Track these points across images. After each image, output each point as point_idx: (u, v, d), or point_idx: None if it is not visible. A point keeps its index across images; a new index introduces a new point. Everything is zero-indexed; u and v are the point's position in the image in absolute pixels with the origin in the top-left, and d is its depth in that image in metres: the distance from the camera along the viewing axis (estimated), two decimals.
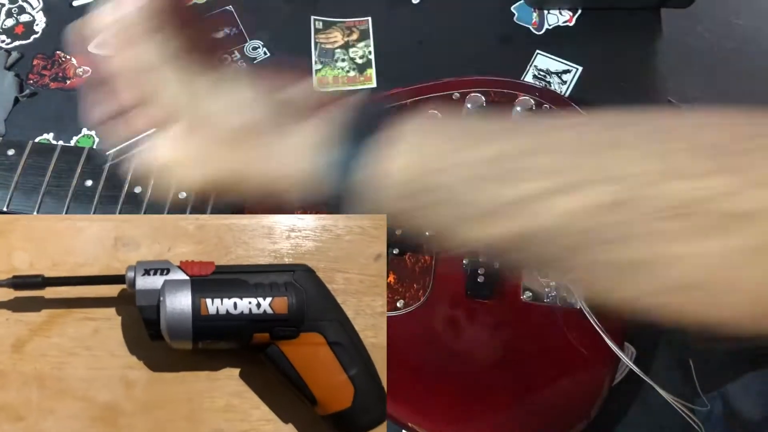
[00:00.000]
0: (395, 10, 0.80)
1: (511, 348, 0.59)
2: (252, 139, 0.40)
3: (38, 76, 0.75)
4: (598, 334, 0.57)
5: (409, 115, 0.37)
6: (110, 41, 0.43)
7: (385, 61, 0.76)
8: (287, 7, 0.80)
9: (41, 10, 0.79)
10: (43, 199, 0.58)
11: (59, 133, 0.73)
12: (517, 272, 0.60)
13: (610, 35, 0.78)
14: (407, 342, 0.58)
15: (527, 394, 0.57)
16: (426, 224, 0.38)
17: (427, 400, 0.56)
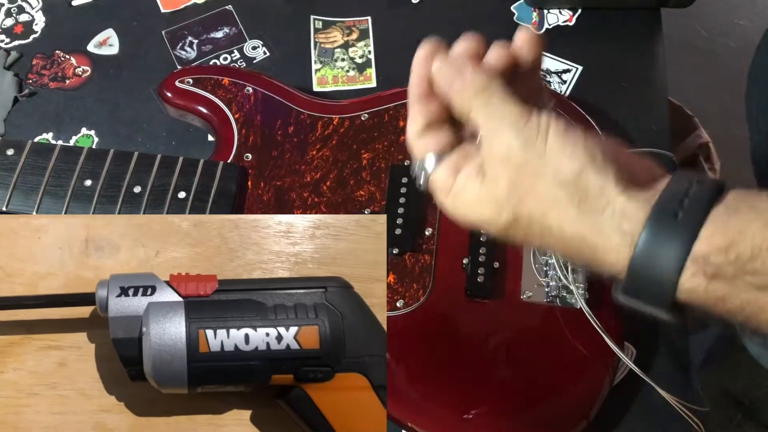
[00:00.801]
0: (395, 9, 0.80)
1: (511, 348, 0.58)
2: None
3: (37, 76, 0.75)
4: (598, 334, 0.57)
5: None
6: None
7: (384, 61, 0.76)
8: (287, 7, 0.80)
9: (40, 10, 0.79)
10: (43, 199, 0.58)
11: (58, 132, 0.73)
12: None
13: (610, 35, 0.78)
14: (407, 342, 0.57)
15: (527, 394, 0.57)
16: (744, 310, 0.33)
17: (427, 400, 0.56)
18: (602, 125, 0.68)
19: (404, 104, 0.67)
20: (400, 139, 0.66)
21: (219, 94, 0.67)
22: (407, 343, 0.57)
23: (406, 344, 0.57)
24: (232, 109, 0.66)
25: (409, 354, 0.57)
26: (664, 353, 0.63)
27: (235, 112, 0.66)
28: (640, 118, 0.73)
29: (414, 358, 0.57)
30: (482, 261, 0.60)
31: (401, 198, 0.62)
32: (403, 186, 0.63)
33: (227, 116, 0.66)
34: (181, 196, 0.59)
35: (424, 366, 0.57)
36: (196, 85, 0.67)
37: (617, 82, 0.75)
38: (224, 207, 0.60)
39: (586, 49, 0.77)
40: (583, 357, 0.58)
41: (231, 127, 0.65)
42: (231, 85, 0.67)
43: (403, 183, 0.63)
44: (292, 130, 0.66)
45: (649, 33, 0.78)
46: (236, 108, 0.66)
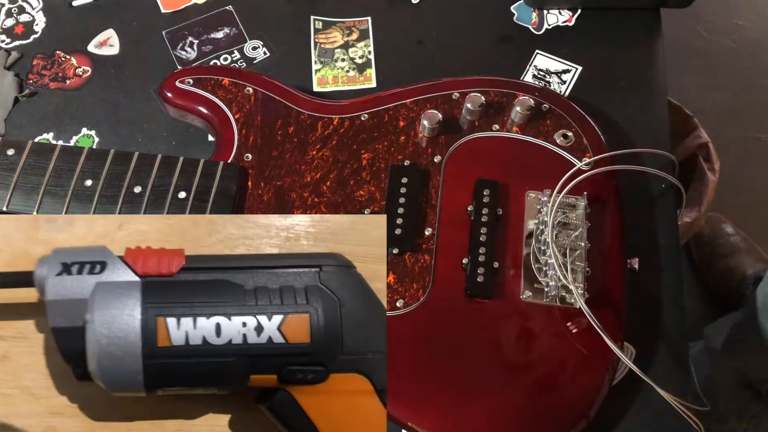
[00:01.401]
0: (395, 10, 0.80)
1: (511, 348, 0.59)
2: None
3: (38, 76, 0.75)
4: (597, 334, 0.57)
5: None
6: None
7: (384, 61, 0.76)
8: (287, 8, 0.80)
9: (41, 10, 0.79)
10: (43, 199, 0.58)
11: (59, 133, 0.73)
12: None
13: (610, 35, 0.78)
14: (407, 342, 0.58)
15: (527, 394, 0.57)
16: None
17: (427, 400, 0.56)
18: (602, 125, 0.68)
19: (404, 104, 0.67)
20: (400, 139, 0.66)
21: (219, 94, 0.67)
22: (407, 343, 0.57)
23: (405, 344, 0.57)
24: (232, 109, 0.66)
25: (408, 354, 0.57)
26: (664, 353, 0.63)
27: (235, 112, 0.66)
28: (639, 118, 0.73)
29: (414, 358, 0.57)
30: (482, 261, 0.60)
31: (401, 198, 0.62)
32: (403, 186, 0.63)
33: (227, 116, 0.66)
34: (181, 196, 0.60)
35: (424, 366, 0.57)
36: (196, 86, 0.67)
37: (617, 82, 0.75)
38: (224, 207, 0.60)
39: (585, 49, 0.77)
40: (583, 357, 0.58)
41: (231, 127, 0.66)
42: (231, 86, 0.67)
43: (403, 183, 0.63)
44: (292, 130, 0.66)
45: (649, 33, 0.78)
46: (236, 108, 0.66)
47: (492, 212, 0.62)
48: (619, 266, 0.62)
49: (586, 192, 0.63)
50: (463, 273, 0.61)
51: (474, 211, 0.62)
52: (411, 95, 0.68)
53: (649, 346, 0.63)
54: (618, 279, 0.62)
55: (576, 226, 0.61)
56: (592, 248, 0.61)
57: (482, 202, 0.63)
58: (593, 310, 0.57)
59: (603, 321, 0.57)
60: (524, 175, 0.65)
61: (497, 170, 0.65)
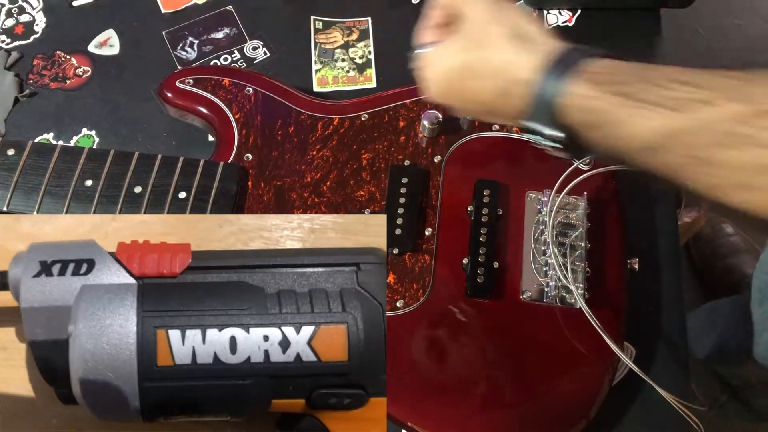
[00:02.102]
0: (395, 10, 0.80)
1: (511, 348, 0.59)
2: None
3: (38, 76, 0.75)
4: (598, 334, 0.57)
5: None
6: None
7: (385, 61, 0.76)
8: (287, 8, 0.80)
9: (41, 10, 0.79)
10: (43, 199, 0.58)
11: (59, 133, 0.73)
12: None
13: (610, 35, 0.78)
14: (407, 342, 0.58)
15: (527, 394, 0.57)
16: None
17: (427, 399, 0.56)
18: None
19: (404, 104, 0.67)
20: (400, 139, 0.66)
21: (219, 94, 0.67)
22: (407, 343, 0.57)
23: (405, 344, 0.57)
24: (232, 109, 0.66)
25: (408, 354, 0.57)
26: (664, 353, 0.63)
27: (235, 112, 0.66)
28: None
29: (414, 358, 0.57)
30: (482, 261, 0.60)
31: (401, 198, 0.62)
32: (403, 186, 0.63)
33: (228, 116, 0.66)
34: (181, 197, 0.60)
35: (424, 366, 0.57)
36: (196, 86, 0.67)
37: None
38: (225, 207, 0.60)
39: None
40: (583, 357, 0.58)
41: (231, 128, 0.66)
42: (231, 86, 0.67)
43: (403, 183, 0.63)
44: (292, 130, 0.66)
45: (649, 33, 0.78)
46: (237, 108, 0.66)
47: (492, 212, 0.62)
48: (619, 266, 0.62)
49: (586, 192, 0.63)
50: (463, 273, 0.61)
51: (474, 211, 0.62)
52: (411, 95, 0.68)
53: (649, 346, 0.63)
54: (618, 279, 0.62)
55: (576, 226, 0.61)
56: (592, 248, 0.61)
57: (482, 202, 0.63)
58: (593, 310, 0.57)
59: (603, 321, 0.57)
60: (524, 176, 0.65)
61: (497, 170, 0.65)
